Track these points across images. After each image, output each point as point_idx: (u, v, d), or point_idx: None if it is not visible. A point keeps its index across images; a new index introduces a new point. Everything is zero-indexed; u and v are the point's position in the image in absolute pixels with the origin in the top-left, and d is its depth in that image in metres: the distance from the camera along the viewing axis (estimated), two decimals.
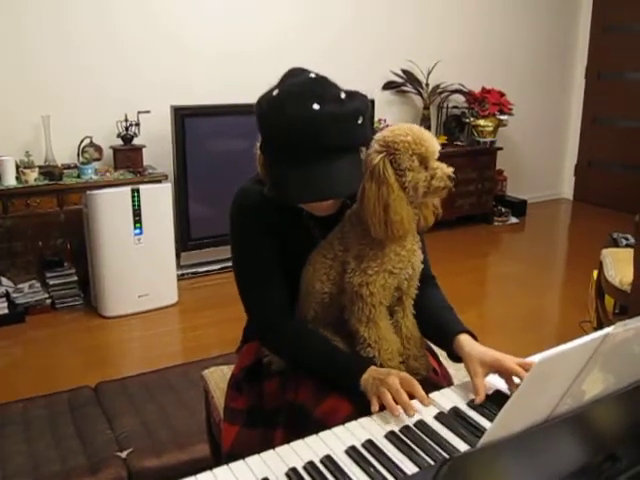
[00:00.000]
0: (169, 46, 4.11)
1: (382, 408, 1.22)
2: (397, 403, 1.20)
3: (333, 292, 1.36)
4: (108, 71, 3.95)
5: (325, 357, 1.33)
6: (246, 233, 1.40)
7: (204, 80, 4.22)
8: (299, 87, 1.24)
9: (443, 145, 4.99)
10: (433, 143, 1.29)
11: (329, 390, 1.30)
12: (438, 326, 1.41)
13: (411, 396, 1.23)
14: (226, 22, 4.28)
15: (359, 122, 1.25)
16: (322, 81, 1.27)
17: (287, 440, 1.15)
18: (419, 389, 1.23)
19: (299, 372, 1.38)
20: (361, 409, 1.23)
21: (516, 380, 1.28)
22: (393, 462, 1.07)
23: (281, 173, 1.26)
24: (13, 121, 3.72)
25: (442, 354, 1.54)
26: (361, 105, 1.26)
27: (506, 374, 1.28)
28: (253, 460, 1.09)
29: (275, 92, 1.25)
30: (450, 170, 1.29)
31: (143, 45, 4.03)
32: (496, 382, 1.31)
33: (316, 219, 1.38)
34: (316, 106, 1.20)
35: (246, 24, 4.35)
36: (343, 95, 1.26)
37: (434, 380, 1.39)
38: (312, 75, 1.27)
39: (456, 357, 1.36)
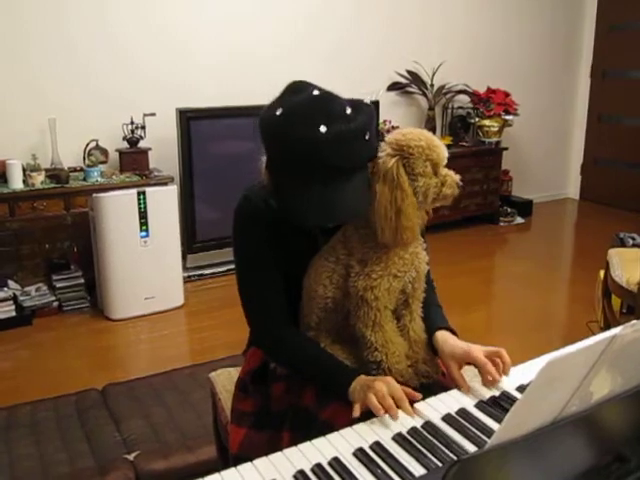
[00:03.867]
0: (173, 49, 4.12)
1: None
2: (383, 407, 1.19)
3: (336, 297, 1.35)
4: (113, 74, 3.96)
5: (317, 365, 1.34)
6: (248, 238, 1.39)
7: (209, 82, 4.23)
8: (303, 108, 1.21)
9: (448, 146, 4.94)
10: (443, 150, 1.29)
11: (333, 395, 1.30)
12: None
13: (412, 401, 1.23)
14: (230, 25, 4.28)
15: (367, 138, 1.23)
16: (326, 98, 1.24)
17: (294, 442, 1.15)
18: (404, 400, 1.22)
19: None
20: (365, 414, 1.22)
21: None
22: (401, 464, 1.06)
23: (291, 195, 1.24)
24: (19, 124, 3.74)
25: None
26: (367, 119, 1.24)
27: (476, 365, 1.31)
28: (261, 462, 1.09)
29: (279, 112, 1.22)
30: (458, 177, 1.30)
31: (147, 47, 4.04)
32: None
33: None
34: (323, 128, 1.17)
35: (250, 27, 4.35)
36: (349, 110, 1.22)
37: (442, 382, 1.39)
38: (315, 92, 1.24)
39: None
